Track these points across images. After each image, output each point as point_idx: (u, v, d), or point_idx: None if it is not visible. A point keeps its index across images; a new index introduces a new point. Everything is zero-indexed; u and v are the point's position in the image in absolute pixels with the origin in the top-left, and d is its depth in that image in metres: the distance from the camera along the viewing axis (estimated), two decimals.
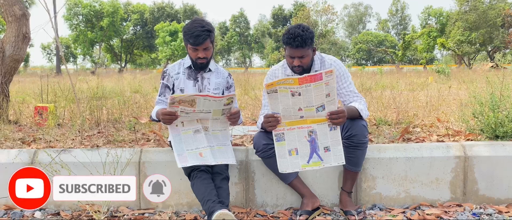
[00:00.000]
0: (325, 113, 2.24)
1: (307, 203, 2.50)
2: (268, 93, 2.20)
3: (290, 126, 2.29)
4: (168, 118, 2.32)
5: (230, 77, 2.76)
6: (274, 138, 2.31)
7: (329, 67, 2.51)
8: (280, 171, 2.34)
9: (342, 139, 2.32)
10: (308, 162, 2.32)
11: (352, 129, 2.37)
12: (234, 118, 2.43)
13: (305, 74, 2.16)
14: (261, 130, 2.54)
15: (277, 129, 2.29)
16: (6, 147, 3.03)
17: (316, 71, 2.50)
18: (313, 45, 2.45)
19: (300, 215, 2.42)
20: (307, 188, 2.56)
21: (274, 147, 2.37)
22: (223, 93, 2.69)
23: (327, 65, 2.56)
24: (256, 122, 4.14)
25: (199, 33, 2.46)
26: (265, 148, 2.45)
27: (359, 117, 2.41)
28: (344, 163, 2.33)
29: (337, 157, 2.31)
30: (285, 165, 2.33)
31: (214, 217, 2.04)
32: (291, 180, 2.53)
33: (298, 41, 2.35)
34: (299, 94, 2.17)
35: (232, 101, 2.34)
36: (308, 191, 2.55)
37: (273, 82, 2.16)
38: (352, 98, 2.52)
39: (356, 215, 2.42)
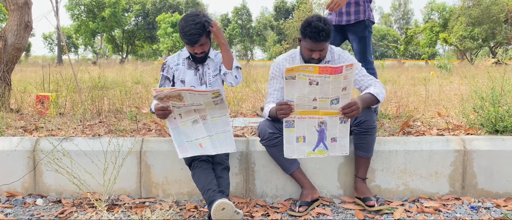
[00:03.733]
0: (338, 106, 2.25)
1: (307, 194, 2.52)
2: (286, 79, 2.17)
3: (302, 115, 2.29)
4: (162, 113, 2.36)
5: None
6: (284, 123, 2.31)
7: (338, 58, 2.57)
8: (285, 156, 2.36)
9: (351, 127, 2.38)
10: (313, 150, 2.36)
11: (361, 116, 2.39)
12: (217, 33, 2.54)
13: (326, 64, 2.15)
14: (268, 118, 2.54)
15: (288, 116, 2.28)
16: (8, 135, 3.05)
17: (328, 61, 2.55)
18: (329, 40, 2.47)
19: (299, 206, 2.44)
20: (307, 179, 2.58)
21: (279, 136, 2.41)
22: (220, 71, 2.69)
23: (335, 55, 2.58)
24: (256, 114, 4.15)
25: (193, 32, 2.45)
26: (271, 137, 2.46)
27: (375, 103, 2.42)
28: (347, 154, 2.39)
29: (342, 148, 2.37)
30: (290, 150, 2.36)
31: (214, 206, 2.06)
32: (293, 171, 2.55)
33: (322, 36, 2.33)
34: (317, 84, 2.16)
35: (219, 95, 2.32)
36: (308, 182, 2.57)
37: (293, 68, 2.14)
38: (367, 82, 2.52)
39: (375, 201, 2.44)
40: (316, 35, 2.34)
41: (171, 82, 2.68)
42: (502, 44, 32.97)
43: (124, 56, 47.07)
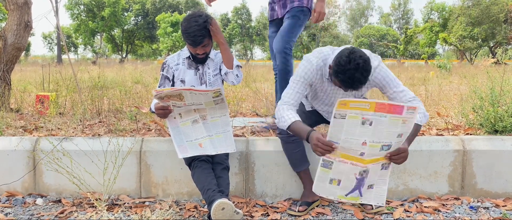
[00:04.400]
0: (386, 152, 1.93)
1: (308, 195, 2.52)
2: (334, 117, 1.83)
3: (344, 159, 1.94)
4: (162, 112, 2.37)
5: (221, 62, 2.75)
6: (321, 162, 1.98)
7: (372, 77, 2.22)
8: (313, 190, 2.04)
9: None
10: (346, 195, 2.04)
11: None
12: (216, 32, 2.50)
13: (384, 101, 1.79)
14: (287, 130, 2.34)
15: (328, 156, 1.95)
16: (8, 134, 3.05)
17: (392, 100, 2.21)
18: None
19: (300, 205, 2.44)
20: (311, 180, 2.57)
21: None
22: (220, 70, 2.70)
23: (371, 80, 2.24)
24: (256, 114, 4.15)
25: (196, 34, 2.43)
26: (290, 133, 2.39)
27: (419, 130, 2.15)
28: (383, 205, 2.11)
29: (378, 197, 2.06)
30: (320, 188, 2.03)
31: (213, 206, 2.06)
32: (302, 170, 2.54)
33: (357, 87, 2.01)
34: (370, 124, 1.80)
35: (220, 94, 2.33)
36: (311, 184, 2.56)
37: (347, 102, 1.78)
38: (406, 101, 2.19)
39: (373, 205, 2.43)
40: (348, 85, 2.01)
41: (171, 82, 2.68)
42: (501, 44, 32.98)
43: (124, 55, 47.05)
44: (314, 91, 2.44)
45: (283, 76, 2.94)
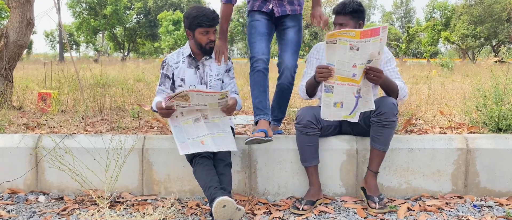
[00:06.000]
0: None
1: (313, 194, 2.51)
2: (327, 43, 2.20)
3: (341, 81, 2.29)
4: (165, 112, 2.38)
5: (229, 61, 2.76)
6: (323, 88, 2.34)
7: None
8: (321, 117, 2.38)
9: (371, 118, 2.45)
10: (350, 114, 2.37)
11: (382, 107, 2.39)
12: (228, 111, 2.46)
13: (366, 28, 2.17)
14: (304, 91, 2.61)
15: (328, 81, 2.30)
16: (10, 132, 3.05)
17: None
18: (359, 20, 2.52)
19: (304, 204, 2.43)
20: (318, 179, 2.56)
21: (315, 128, 2.47)
22: (223, 79, 2.70)
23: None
24: None
25: (212, 14, 2.52)
26: (307, 125, 2.46)
27: (395, 93, 2.47)
28: (374, 109, 2.39)
29: (370, 105, 2.38)
30: (327, 113, 2.37)
31: (215, 203, 2.06)
32: (311, 165, 2.54)
33: (339, 7, 2.48)
34: (357, 49, 2.16)
35: (226, 96, 2.34)
36: (318, 182, 2.55)
37: (335, 33, 2.16)
38: (395, 78, 2.56)
39: (377, 203, 2.41)
40: (336, 6, 2.50)
41: (171, 80, 2.68)
42: (504, 42, 32.89)
43: (126, 54, 47.08)
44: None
45: (286, 95, 2.89)
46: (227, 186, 2.29)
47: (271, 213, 2.41)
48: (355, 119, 2.42)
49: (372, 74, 2.28)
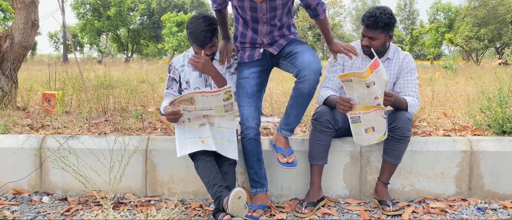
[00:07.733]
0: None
1: (313, 195, 2.50)
2: (343, 82, 2.25)
3: (367, 110, 2.32)
4: (172, 117, 2.40)
5: (233, 58, 2.74)
6: (350, 120, 2.38)
7: (403, 57, 2.61)
8: (356, 143, 2.47)
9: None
10: (384, 134, 2.40)
11: (397, 121, 2.39)
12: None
13: (371, 61, 2.16)
14: (323, 104, 2.54)
15: (352, 112, 2.34)
16: (14, 132, 3.06)
17: (388, 58, 2.60)
18: (389, 32, 2.49)
19: (305, 207, 2.42)
20: (320, 180, 2.55)
21: (331, 128, 2.47)
22: (225, 73, 2.68)
23: (401, 56, 2.61)
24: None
25: (204, 35, 2.43)
26: (324, 124, 2.44)
27: (405, 109, 2.44)
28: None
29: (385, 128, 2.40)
30: (361, 140, 2.44)
31: (232, 194, 2.02)
32: (317, 164, 2.51)
33: (370, 21, 2.41)
34: (374, 84, 2.17)
35: (231, 96, 2.34)
36: (319, 183, 2.54)
37: (347, 74, 2.19)
38: (409, 92, 2.55)
39: (391, 206, 2.42)
40: (366, 19, 2.45)
41: (178, 83, 2.69)
42: (508, 45, 32.72)
43: (129, 55, 47.20)
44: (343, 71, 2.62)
45: (306, 102, 2.39)
46: (231, 185, 2.29)
47: (274, 215, 2.41)
48: (386, 135, 2.42)
49: (386, 100, 2.30)
